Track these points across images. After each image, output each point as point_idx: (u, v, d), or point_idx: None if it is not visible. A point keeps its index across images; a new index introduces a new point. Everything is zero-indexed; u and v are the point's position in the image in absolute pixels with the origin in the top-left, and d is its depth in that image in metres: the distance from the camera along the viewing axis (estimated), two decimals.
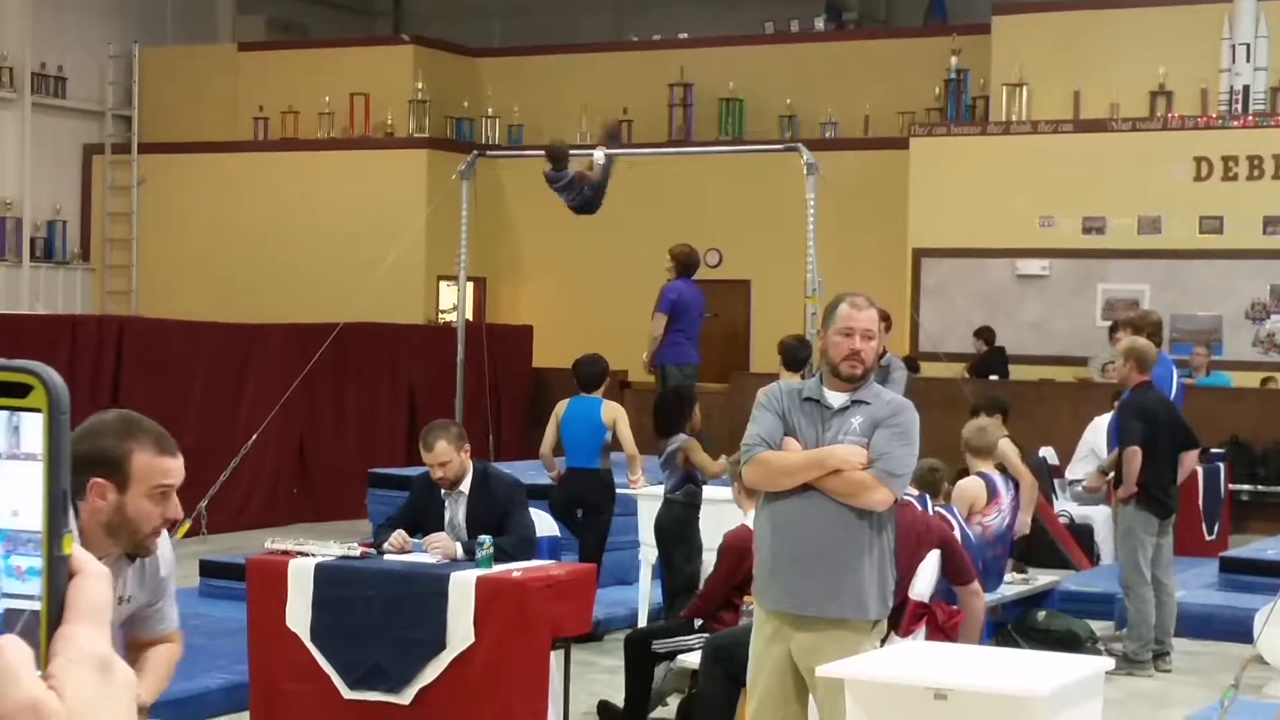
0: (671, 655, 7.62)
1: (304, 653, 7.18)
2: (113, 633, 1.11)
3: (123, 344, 14.32)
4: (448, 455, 7.47)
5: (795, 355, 10.91)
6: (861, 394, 5.46)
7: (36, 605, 1.06)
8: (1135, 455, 9.46)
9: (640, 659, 7.70)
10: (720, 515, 8.75)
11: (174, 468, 3.73)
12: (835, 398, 5.46)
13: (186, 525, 12.51)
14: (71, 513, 1.08)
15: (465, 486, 7.51)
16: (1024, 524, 9.63)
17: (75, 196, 22.45)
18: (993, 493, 8.96)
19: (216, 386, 15.14)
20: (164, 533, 3.90)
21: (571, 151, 13.80)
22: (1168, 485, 9.65)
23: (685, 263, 12.80)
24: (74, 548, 1.07)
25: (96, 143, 22.50)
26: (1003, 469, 9.43)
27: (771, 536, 5.52)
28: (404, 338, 17.70)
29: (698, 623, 7.60)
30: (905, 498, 7.48)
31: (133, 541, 3.73)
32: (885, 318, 8.16)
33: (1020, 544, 10.05)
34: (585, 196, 13.19)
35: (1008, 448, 9.49)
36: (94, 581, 1.08)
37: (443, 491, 7.54)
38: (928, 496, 8.73)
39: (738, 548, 7.03)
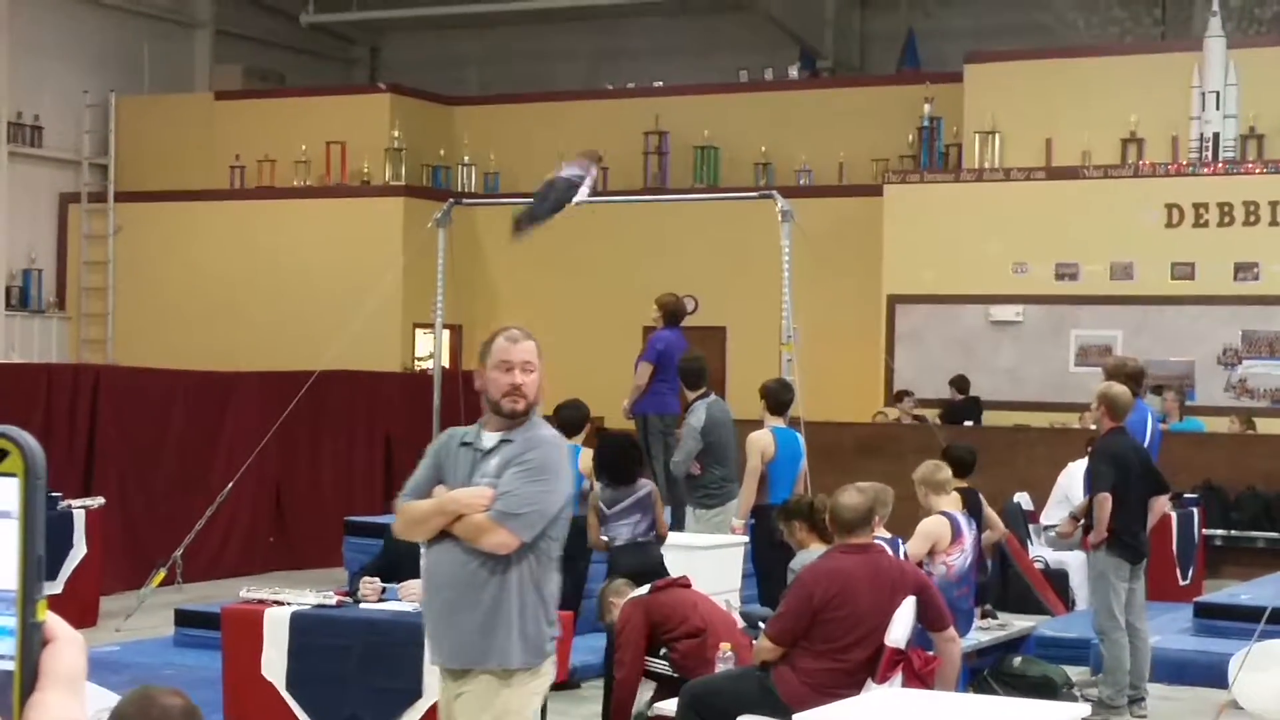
0: None
1: (280, 702, 7.18)
2: None
3: (99, 393, 14.29)
4: None
5: (778, 399, 10.90)
6: (513, 433, 5.26)
7: (8, 665, 1.05)
8: (1106, 501, 9.51)
9: None
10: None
11: None
12: (489, 439, 5.28)
13: (161, 574, 12.48)
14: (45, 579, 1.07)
15: None
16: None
17: (51, 245, 22.42)
18: (956, 532, 8.99)
19: (193, 435, 15.11)
20: None
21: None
22: (1138, 530, 9.70)
23: (672, 311, 12.80)
24: (48, 614, 1.07)
25: (73, 191, 22.48)
26: (967, 508, 9.46)
27: (425, 589, 5.45)
28: (380, 385, 17.68)
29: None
30: (877, 542, 7.51)
31: None
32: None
33: (993, 589, 10.05)
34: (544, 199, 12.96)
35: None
36: (69, 648, 1.07)
37: None
38: (899, 540, 8.75)
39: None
